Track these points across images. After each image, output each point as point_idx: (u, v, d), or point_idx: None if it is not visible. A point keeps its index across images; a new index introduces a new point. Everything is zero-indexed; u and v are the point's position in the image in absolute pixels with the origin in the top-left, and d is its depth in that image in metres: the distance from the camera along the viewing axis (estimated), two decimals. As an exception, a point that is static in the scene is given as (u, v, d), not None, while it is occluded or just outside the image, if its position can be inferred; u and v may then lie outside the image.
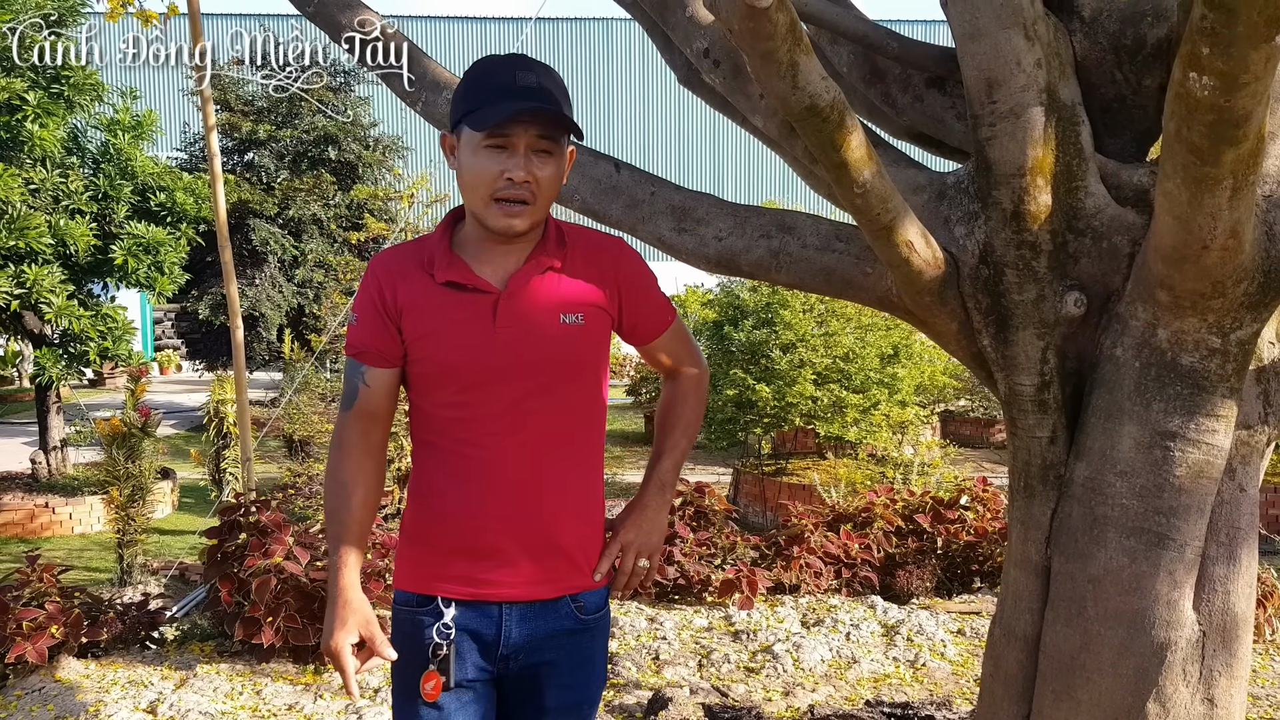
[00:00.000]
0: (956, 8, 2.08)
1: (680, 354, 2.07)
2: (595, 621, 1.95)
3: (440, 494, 1.87)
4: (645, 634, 4.95)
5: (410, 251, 1.89)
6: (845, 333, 8.24)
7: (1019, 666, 2.39)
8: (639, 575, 1.98)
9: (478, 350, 1.81)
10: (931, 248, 2.13)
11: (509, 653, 1.88)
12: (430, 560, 1.88)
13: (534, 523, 1.86)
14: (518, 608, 1.87)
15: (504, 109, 1.72)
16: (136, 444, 6.19)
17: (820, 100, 1.77)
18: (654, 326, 2.00)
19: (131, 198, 8.08)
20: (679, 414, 2.06)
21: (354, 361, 1.89)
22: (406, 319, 1.84)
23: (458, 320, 1.82)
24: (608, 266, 1.91)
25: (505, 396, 1.83)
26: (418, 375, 1.87)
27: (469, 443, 1.84)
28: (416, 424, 1.92)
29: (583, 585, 1.92)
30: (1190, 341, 2.07)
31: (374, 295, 1.85)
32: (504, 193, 1.76)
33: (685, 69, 2.82)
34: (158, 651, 4.65)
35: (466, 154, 1.78)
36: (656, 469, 2.03)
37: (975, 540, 5.77)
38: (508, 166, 1.75)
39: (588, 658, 1.95)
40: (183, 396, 15.97)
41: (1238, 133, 1.67)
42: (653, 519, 2.00)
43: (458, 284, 1.83)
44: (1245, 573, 2.22)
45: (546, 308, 1.84)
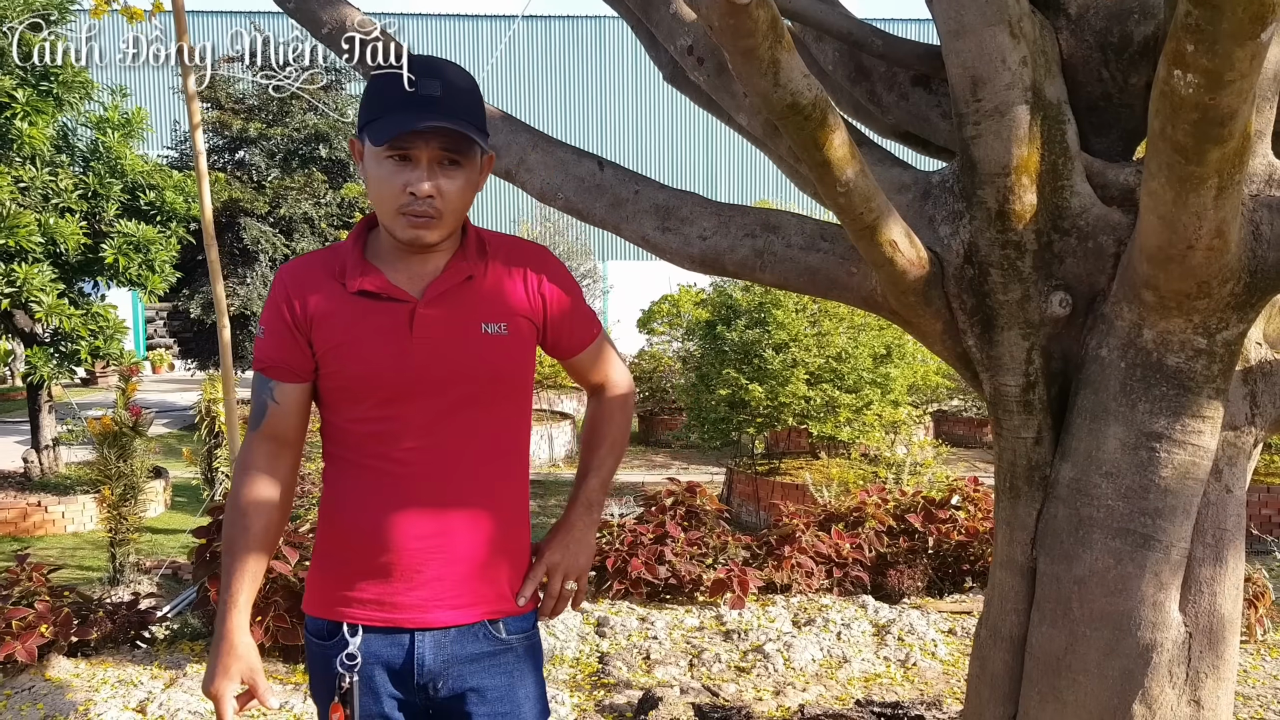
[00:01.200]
0: (941, 5, 2.07)
1: (606, 369, 1.99)
2: (519, 642, 1.85)
3: (353, 511, 1.78)
4: (636, 633, 4.93)
5: (320, 260, 1.81)
6: (838, 332, 8.23)
7: (1005, 667, 2.37)
8: (566, 598, 1.90)
9: (394, 362, 1.73)
10: (916, 247, 2.11)
11: (425, 680, 1.79)
12: (340, 584, 1.79)
13: (453, 543, 1.77)
14: (431, 634, 1.78)
15: (399, 122, 1.65)
16: (128, 443, 6.18)
17: (802, 98, 1.75)
18: (579, 340, 1.92)
19: (121, 196, 8.05)
20: (604, 432, 1.98)
21: (262, 377, 1.80)
22: (317, 330, 1.76)
23: (372, 330, 1.74)
24: (531, 275, 1.84)
25: (423, 410, 1.75)
26: (330, 389, 1.79)
27: (385, 458, 1.76)
28: (329, 440, 1.82)
29: (505, 610, 1.83)
30: (1176, 342, 2.05)
31: (282, 307, 1.77)
32: (408, 207, 1.69)
33: (670, 66, 2.80)
34: (148, 650, 4.65)
35: (370, 164, 1.72)
36: (583, 488, 1.95)
37: (967, 540, 5.77)
38: (411, 181, 1.68)
39: (516, 681, 1.84)
40: (175, 395, 15.94)
41: (1223, 131, 1.65)
42: (579, 539, 1.92)
43: (371, 293, 1.75)
44: (1232, 574, 2.21)
45: (466, 317, 1.77)
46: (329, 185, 12.72)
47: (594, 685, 4.35)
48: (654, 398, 12.33)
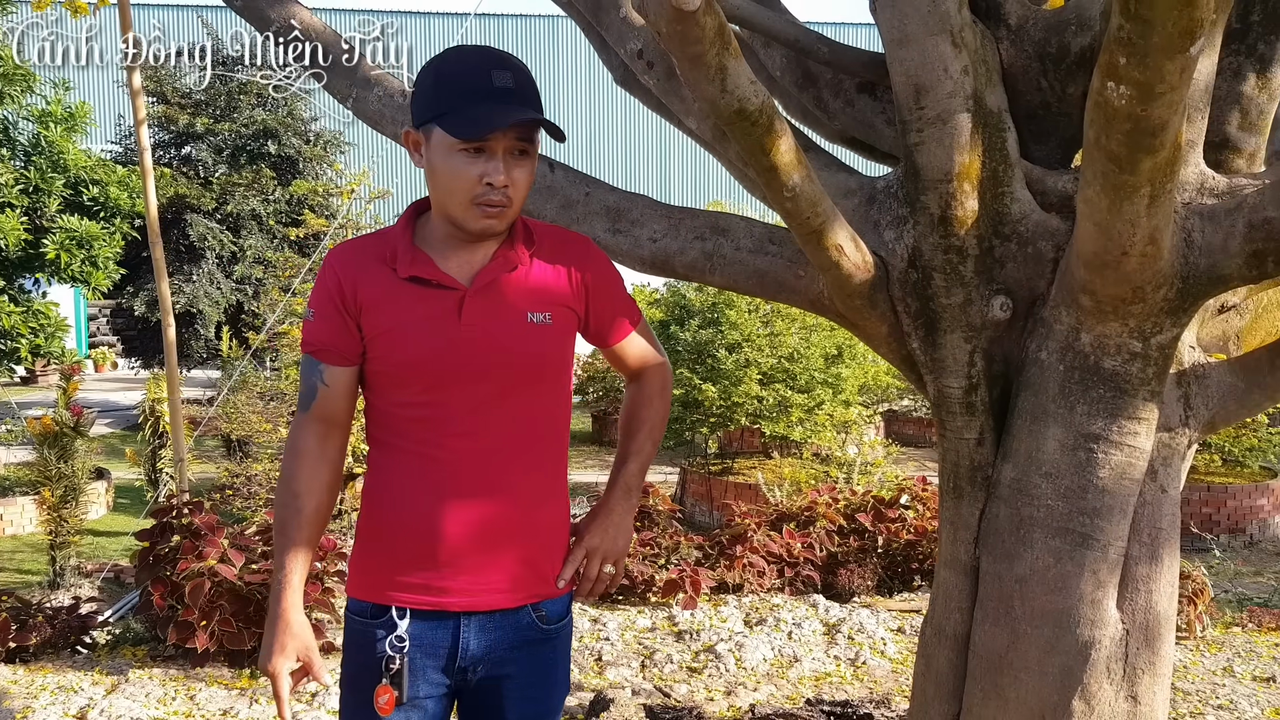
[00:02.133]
0: (885, 14, 2.10)
1: (646, 355, 2.01)
2: (557, 631, 1.89)
3: (399, 498, 1.80)
4: (588, 635, 4.94)
5: (370, 245, 1.82)
6: (790, 333, 8.28)
7: (949, 665, 2.41)
8: (604, 581, 1.92)
9: (442, 348, 1.75)
10: (861, 251, 2.14)
11: (467, 664, 1.82)
12: (386, 568, 1.81)
13: (497, 528, 1.80)
14: (477, 618, 1.81)
15: (485, 117, 1.66)
16: (69, 443, 6.07)
17: (749, 104, 1.77)
18: (621, 327, 1.95)
19: (64, 191, 7.90)
20: (644, 416, 2.00)
21: (312, 360, 1.81)
22: (366, 315, 1.77)
23: (422, 317, 1.76)
24: (575, 265, 1.86)
25: (470, 397, 1.77)
26: (378, 373, 1.80)
27: (431, 444, 1.78)
28: (374, 425, 1.84)
29: (546, 593, 1.86)
30: (1112, 345, 2.10)
31: (333, 290, 1.77)
32: (484, 198, 1.70)
33: (621, 70, 2.81)
34: (89, 656, 4.57)
35: (439, 156, 1.71)
36: (622, 472, 1.97)
37: (915, 539, 5.84)
38: (487, 171, 1.69)
39: (549, 669, 1.89)
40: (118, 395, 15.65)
41: (1155, 141, 1.69)
42: (618, 523, 1.93)
43: (422, 279, 1.76)
44: (1167, 572, 2.27)
45: (513, 306, 1.79)
46: (277, 182, 12.57)
47: (545, 686, 4.35)
48: (607, 397, 12.32)
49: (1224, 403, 2.25)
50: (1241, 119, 2.26)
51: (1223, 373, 2.27)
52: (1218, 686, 4.49)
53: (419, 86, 1.77)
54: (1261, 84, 2.25)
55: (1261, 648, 5.01)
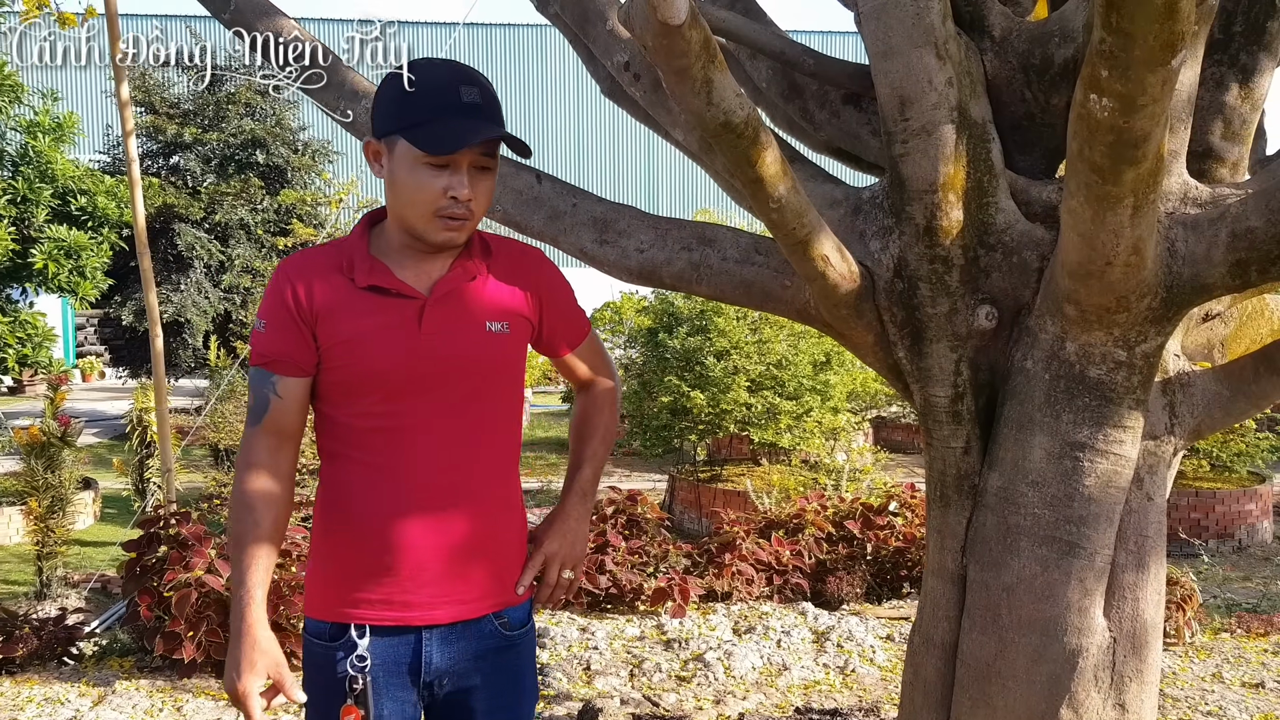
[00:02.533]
0: (870, 26, 2.11)
1: (596, 365, 2.05)
2: (520, 637, 1.90)
3: (358, 512, 1.78)
4: (577, 644, 4.93)
5: (324, 255, 1.82)
6: (778, 340, 8.30)
7: (937, 674, 2.41)
8: (563, 586, 1.94)
9: (403, 357, 1.75)
10: (847, 262, 2.15)
11: (432, 679, 1.81)
12: (345, 585, 1.79)
13: (460, 538, 1.80)
14: (439, 630, 1.80)
15: (456, 133, 1.68)
16: (56, 454, 6.04)
17: (735, 117, 1.78)
18: (573, 337, 1.98)
19: (51, 201, 7.87)
20: (596, 423, 2.04)
21: (263, 371, 1.78)
22: (323, 324, 1.75)
23: (381, 326, 1.76)
24: (530, 276, 1.89)
25: (430, 406, 1.77)
26: (334, 384, 1.78)
27: (391, 455, 1.77)
28: (329, 438, 1.82)
29: (507, 601, 1.87)
30: (1097, 354, 2.11)
31: (287, 298, 1.76)
32: (448, 210, 1.72)
33: (608, 81, 2.82)
34: (75, 667, 4.56)
35: (403, 169, 1.72)
36: (577, 478, 1.99)
37: (904, 546, 5.85)
38: (452, 185, 1.71)
39: (517, 676, 1.90)
40: (106, 404, 15.59)
41: (1137, 153, 1.70)
42: (575, 528, 1.95)
43: (381, 288, 1.76)
44: (1154, 580, 2.28)
45: (472, 315, 1.80)
46: (266, 191, 12.54)
47: (534, 696, 4.34)
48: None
49: (1209, 411, 2.27)
50: (1224, 129, 2.28)
51: (1207, 381, 2.28)
52: (1207, 693, 4.50)
53: (382, 97, 1.77)
54: (1244, 94, 2.27)
55: (1250, 653, 5.03)
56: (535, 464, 11.07)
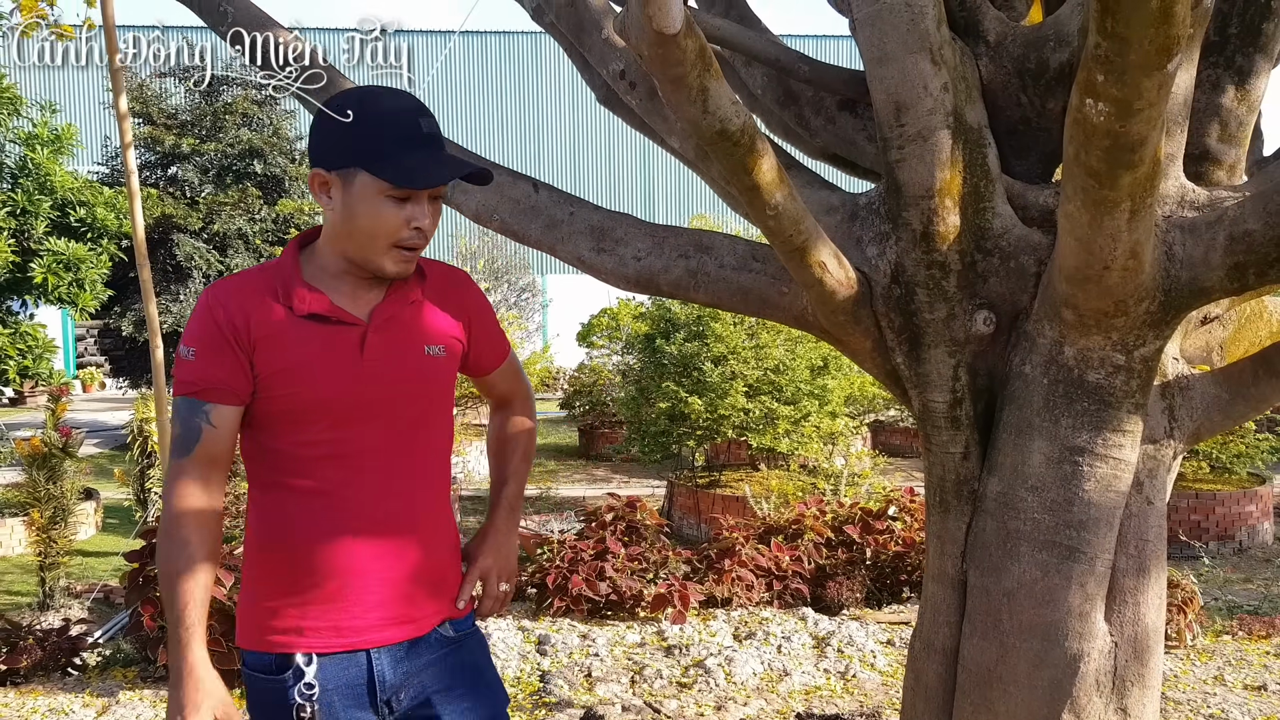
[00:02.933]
0: (865, 33, 2.11)
1: (514, 384, 2.08)
2: (466, 636, 1.92)
3: (302, 539, 1.75)
4: (578, 651, 4.92)
5: (254, 280, 1.78)
6: (776, 345, 8.29)
7: (938, 679, 2.41)
8: (501, 599, 1.98)
9: (347, 385, 1.74)
10: (844, 268, 2.15)
11: (389, 695, 1.81)
12: (286, 613, 1.75)
13: (406, 559, 1.81)
14: (388, 650, 1.80)
15: (425, 167, 1.69)
16: (58, 464, 6.04)
17: (731, 125, 1.78)
18: (495, 357, 2.01)
19: (51, 213, 7.88)
20: (518, 439, 2.07)
21: (193, 401, 1.71)
22: (260, 352, 1.72)
23: (322, 354, 1.74)
24: (459, 298, 1.91)
25: (373, 431, 1.77)
26: (273, 414, 1.74)
27: (338, 482, 1.75)
28: (268, 467, 1.78)
29: (450, 615, 1.89)
30: (1096, 359, 2.11)
31: (222, 325, 1.71)
32: (409, 241, 1.73)
33: (604, 89, 2.82)
34: (79, 678, 4.56)
35: (363, 201, 1.70)
36: (503, 493, 2.03)
37: (904, 550, 5.84)
38: (414, 216, 1.71)
39: (475, 670, 1.90)
40: (106, 415, 15.58)
41: (1134, 157, 1.71)
42: (505, 542, 2.00)
43: (321, 316, 1.74)
44: (1155, 584, 2.27)
45: (412, 340, 1.81)
46: (264, 201, 12.54)
47: (535, 704, 4.33)
48: (594, 411, 12.31)
49: (1208, 414, 2.26)
50: (1221, 131, 2.28)
51: (1206, 384, 2.28)
52: (1209, 695, 4.49)
53: (329, 128, 1.72)
54: (1240, 96, 2.27)
55: (1252, 655, 5.02)
56: (534, 471, 11.03)
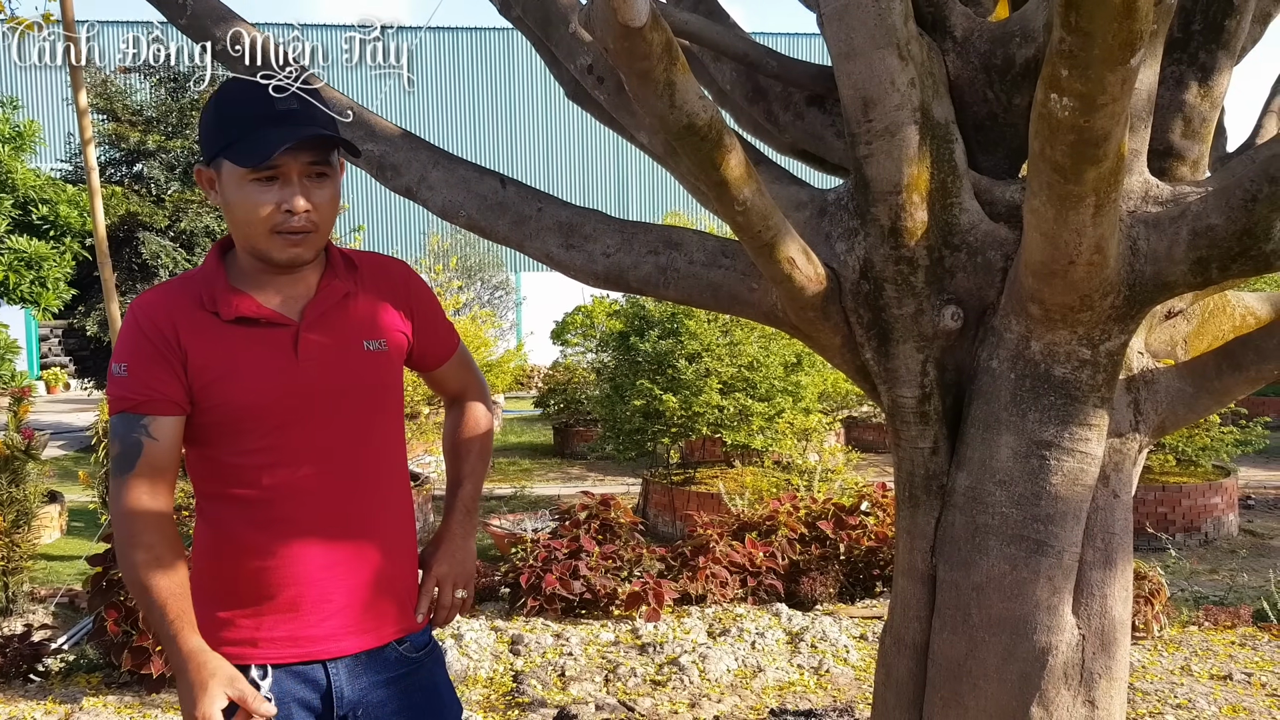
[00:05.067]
0: (832, 28, 2.11)
1: (466, 379, 2.02)
2: (425, 656, 1.87)
3: (252, 550, 1.71)
4: (551, 650, 4.91)
5: (179, 289, 1.74)
6: (750, 341, 8.31)
7: (909, 674, 2.42)
8: (457, 606, 1.92)
9: (282, 388, 1.69)
10: (813, 264, 2.15)
11: (345, 711, 1.76)
12: (240, 626, 1.71)
13: (361, 566, 1.76)
14: (345, 661, 1.75)
15: (268, 142, 1.61)
16: (20, 467, 5.96)
17: (698, 119, 1.77)
18: (443, 351, 1.95)
19: (12, 211, 7.77)
20: (473, 439, 2.00)
21: (129, 416, 1.66)
22: (192, 362, 1.67)
23: (254, 358, 1.69)
24: (399, 288, 1.85)
25: (315, 434, 1.71)
26: (210, 424, 1.70)
27: (282, 489, 1.70)
28: (210, 478, 1.74)
29: (408, 628, 1.84)
30: (1062, 353, 2.12)
31: (151, 337, 1.67)
32: (284, 225, 1.66)
33: (572, 84, 2.81)
34: (42, 684, 4.49)
35: (232, 189, 1.66)
36: (458, 496, 1.96)
37: (876, 545, 5.87)
38: (284, 198, 1.65)
39: (433, 691, 1.87)
40: (71, 416, 15.39)
41: (1098, 152, 1.71)
42: (462, 546, 1.93)
43: (249, 319, 1.70)
44: (1121, 577, 2.29)
45: (348, 336, 1.75)
46: (233, 199, 12.42)
47: (508, 705, 4.31)
48: (568, 410, 12.28)
49: (1173, 407, 2.28)
50: (1185, 127, 2.29)
51: (1171, 378, 2.29)
52: (1176, 685, 4.54)
53: (203, 122, 1.71)
54: (1203, 92, 2.29)
55: (1218, 646, 5.08)
56: (508, 469, 11.02)
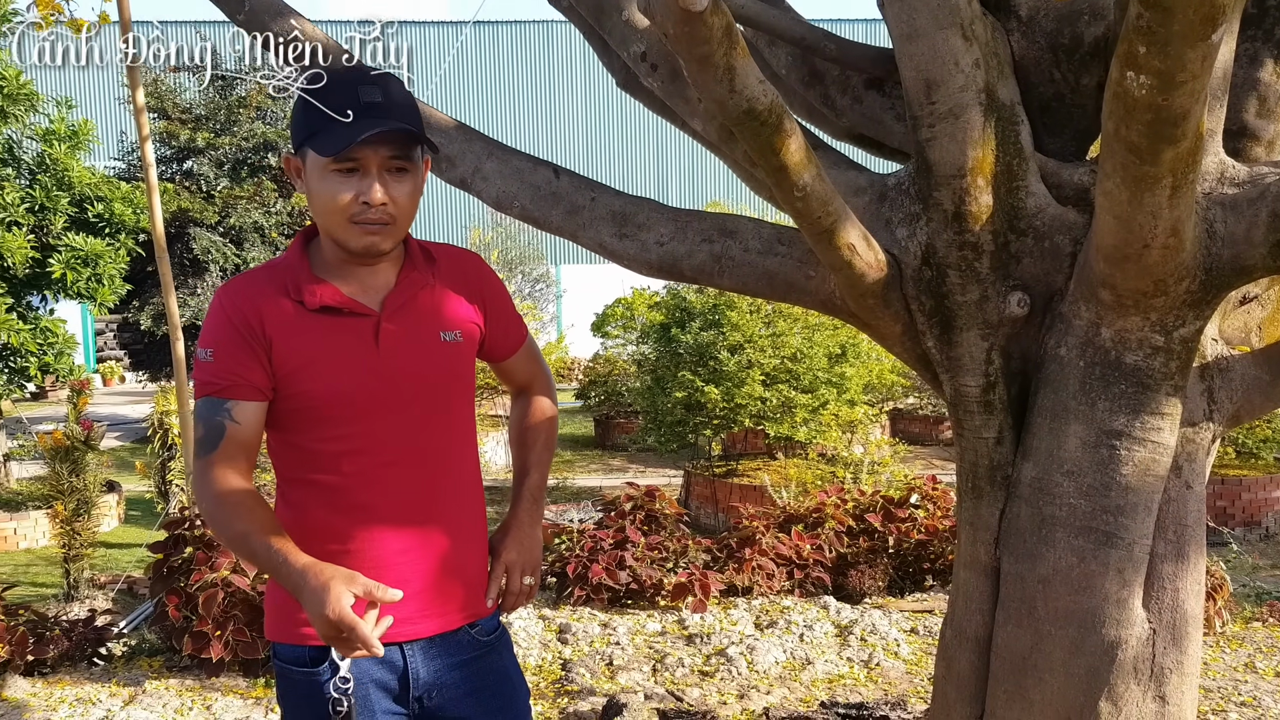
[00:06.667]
0: (893, 9, 2.07)
1: (534, 369, 2.04)
2: (495, 640, 1.90)
3: (332, 533, 1.74)
4: (598, 640, 4.91)
5: (263, 277, 1.77)
6: (793, 333, 8.24)
7: (971, 667, 2.38)
8: (525, 593, 1.94)
9: (362, 377, 1.72)
10: (873, 250, 2.11)
11: (421, 692, 1.80)
12: None
13: (436, 551, 1.79)
14: (420, 644, 1.79)
15: (349, 133, 1.63)
16: (80, 458, 6.07)
17: (758, 104, 1.74)
18: (513, 342, 1.97)
19: (69, 209, 7.88)
20: (539, 428, 2.02)
21: (214, 400, 1.69)
22: (277, 348, 1.70)
23: (337, 347, 1.72)
24: (474, 281, 1.88)
25: (394, 422, 1.74)
26: (292, 410, 1.73)
27: (363, 475, 1.74)
28: (291, 464, 1.78)
29: (479, 612, 1.86)
30: (1134, 340, 2.07)
31: (236, 323, 1.70)
32: (361, 216, 1.68)
33: (623, 73, 2.78)
34: (105, 668, 4.59)
35: (315, 179, 1.69)
36: (525, 484, 1.98)
37: (926, 538, 5.80)
38: (362, 190, 1.67)
39: (504, 675, 1.90)
40: (127, 408, 15.66)
41: (1176, 131, 1.66)
42: (529, 534, 1.95)
43: (333, 308, 1.72)
44: (1194, 569, 2.23)
45: (426, 327, 1.78)
46: (279, 194, 12.55)
47: (557, 693, 4.32)
48: (609, 401, 12.28)
49: (1248, 396, 2.22)
50: (1259, 106, 2.23)
51: (1246, 365, 2.23)
52: (1240, 683, 4.44)
53: (294, 110, 1.74)
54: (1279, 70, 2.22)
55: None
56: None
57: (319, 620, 1.52)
